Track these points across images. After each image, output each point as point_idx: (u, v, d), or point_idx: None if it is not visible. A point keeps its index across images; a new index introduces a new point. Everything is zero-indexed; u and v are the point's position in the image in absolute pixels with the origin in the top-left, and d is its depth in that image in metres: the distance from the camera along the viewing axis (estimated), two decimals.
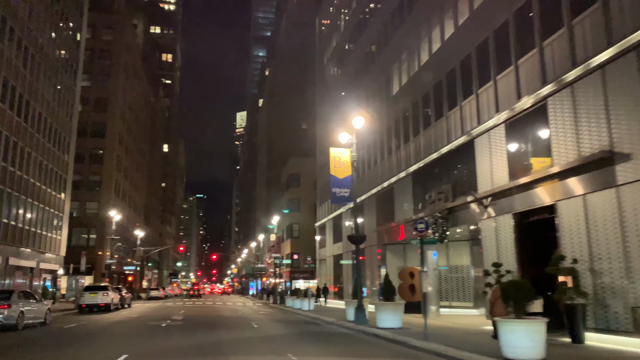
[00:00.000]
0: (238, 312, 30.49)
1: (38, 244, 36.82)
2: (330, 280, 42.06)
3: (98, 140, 59.40)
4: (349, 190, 20.96)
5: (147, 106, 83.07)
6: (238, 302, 51.13)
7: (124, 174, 65.03)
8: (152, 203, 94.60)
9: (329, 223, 42.60)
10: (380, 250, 29.94)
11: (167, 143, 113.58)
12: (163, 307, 36.68)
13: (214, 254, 72.88)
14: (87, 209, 58.24)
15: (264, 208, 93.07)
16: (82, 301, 30.68)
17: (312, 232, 62.22)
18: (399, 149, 27.67)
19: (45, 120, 37.62)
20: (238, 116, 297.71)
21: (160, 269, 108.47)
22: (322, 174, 46.74)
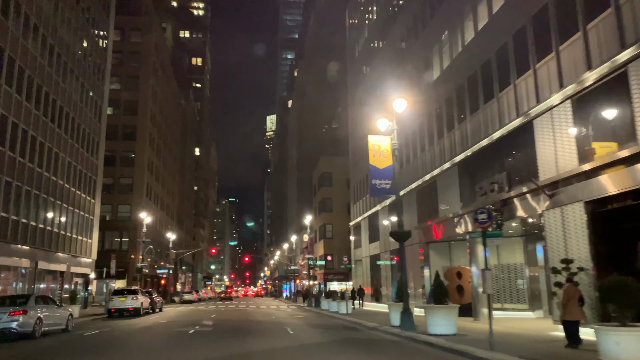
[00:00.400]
0: (271, 316, 28.74)
1: (68, 247, 36.00)
2: (367, 281, 39.92)
3: (129, 143, 58.90)
4: (390, 182, 18.87)
5: (178, 109, 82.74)
6: (271, 305, 49.52)
7: (155, 176, 64.46)
8: (185, 206, 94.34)
9: (364, 222, 40.50)
10: (423, 250, 27.66)
11: (199, 146, 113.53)
12: (194, 311, 35.30)
13: (247, 256, 71.23)
14: (119, 212, 57.75)
15: (295, 210, 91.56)
16: (111, 305, 29.48)
17: (345, 232, 60.18)
18: (441, 138, 25.39)
19: (73, 121, 36.85)
20: (268, 119, 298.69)
21: (194, 272, 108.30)
22: (355, 172, 44.68)
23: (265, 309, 38.63)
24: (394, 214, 32.31)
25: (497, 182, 19.59)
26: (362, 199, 41.08)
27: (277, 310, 36.81)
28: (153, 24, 63.29)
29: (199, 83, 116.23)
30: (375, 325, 20.27)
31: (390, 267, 33.68)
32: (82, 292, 40.49)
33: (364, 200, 40.80)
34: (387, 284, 34.31)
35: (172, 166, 77.86)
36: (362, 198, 41.39)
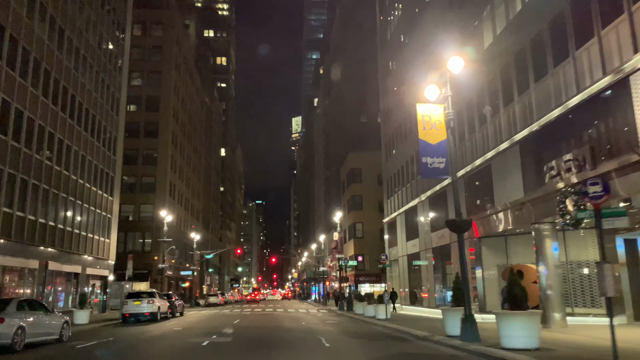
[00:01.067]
0: (301, 322, 25.46)
1: (83, 247, 33.47)
2: (404, 283, 36.26)
3: (151, 141, 56.62)
4: (444, 160, 15.33)
5: (202, 107, 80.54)
6: (300, 308, 46.23)
7: (179, 175, 62.09)
8: (211, 207, 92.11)
9: (400, 218, 36.87)
10: (474, 249, 23.95)
11: (225, 147, 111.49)
12: (217, 316, 32.30)
13: (274, 257, 68.27)
14: (142, 212, 55.48)
15: (322, 209, 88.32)
16: (125, 310, 26.64)
17: (376, 231, 56.56)
18: (496, 115, 21.68)
19: (88, 113, 34.37)
20: (293, 121, 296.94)
21: (221, 274, 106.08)
22: (389, 164, 41.09)
23: (293, 313, 35.40)
24: (438, 207, 28.67)
25: (575, 159, 15.85)
26: (398, 192, 37.48)
27: (306, 315, 33.52)
28: (175, 18, 61.00)
29: (224, 83, 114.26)
30: (426, 335, 16.74)
31: (433, 267, 30.01)
32: (101, 296, 38.07)
33: (399, 194, 37.19)
34: (428, 286, 30.62)
35: (197, 165, 75.56)
36: (397, 192, 37.80)
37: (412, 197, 33.94)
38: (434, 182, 28.69)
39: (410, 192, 34.41)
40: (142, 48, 58.14)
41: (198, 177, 76.58)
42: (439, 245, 28.61)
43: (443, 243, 28.00)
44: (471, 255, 24.20)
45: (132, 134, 56.53)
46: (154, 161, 56.28)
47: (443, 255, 28.53)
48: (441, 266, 29.13)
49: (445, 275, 28.45)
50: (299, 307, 48.14)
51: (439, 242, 28.56)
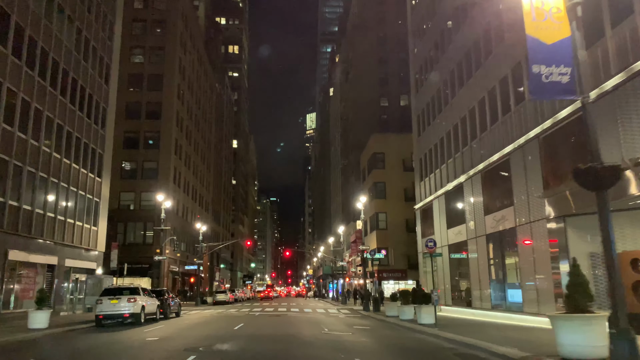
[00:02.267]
0: (321, 327, 19.30)
1: (60, 235, 27.68)
2: (444, 279, 29.79)
3: (153, 122, 50.93)
4: (568, 70, 9.06)
5: (212, 93, 74.77)
6: (318, 307, 40.08)
7: (185, 162, 56.33)
8: (222, 200, 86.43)
9: (439, 202, 30.45)
10: (556, 239, 17.49)
11: (237, 139, 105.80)
12: (220, 317, 26.30)
13: (287, 251, 62.22)
14: (143, 200, 49.82)
15: (339, 202, 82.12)
16: (100, 310, 20.75)
17: (401, 222, 50.22)
18: (601, 40, 15.21)
19: (68, 76, 28.57)
20: (308, 118, 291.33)
21: (233, 270, 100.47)
22: (423, 140, 34.67)
23: (310, 314, 29.25)
24: (495, 182, 22.22)
25: None
26: (436, 171, 31.04)
27: (326, 317, 27.35)
28: None
29: (236, 72, 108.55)
30: (523, 356, 10.51)
31: (487, 259, 23.53)
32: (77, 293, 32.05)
33: (437, 173, 30.75)
34: (480, 282, 24.19)
35: (206, 154, 69.82)
36: (435, 171, 31.36)
37: (455, 174, 27.51)
38: (493, 149, 22.31)
39: (453, 168, 27.98)
40: (144, 22, 52.54)
41: (207, 166, 70.84)
42: (496, 230, 22.19)
43: (502, 228, 21.58)
44: (551, 238, 17.76)
45: (132, 116, 51.04)
46: (157, 145, 50.59)
47: (503, 243, 22.11)
48: (499, 257, 22.72)
49: (504, 269, 22.04)
50: (316, 307, 41.99)
51: (497, 226, 22.15)
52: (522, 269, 19.96)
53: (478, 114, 24.54)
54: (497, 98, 22.24)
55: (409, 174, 51.09)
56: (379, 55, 66.91)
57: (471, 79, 25.54)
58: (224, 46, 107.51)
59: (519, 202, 20.06)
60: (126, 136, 50.64)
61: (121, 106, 50.74)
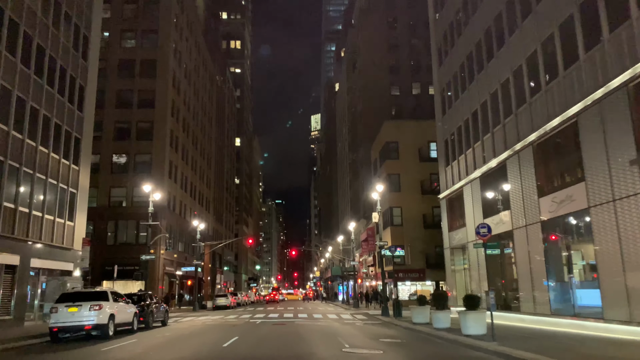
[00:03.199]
0: (340, 342, 14.53)
1: (23, 230, 23.04)
2: (479, 278, 24.87)
3: (146, 112, 46.38)
4: None
5: (212, 85, 70.24)
6: (329, 312, 35.28)
7: (182, 155, 51.73)
8: (225, 199, 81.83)
9: (471, 189, 25.60)
10: None
11: (240, 137, 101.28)
12: (214, 327, 21.57)
13: (293, 249, 57.34)
14: (135, 196, 45.22)
15: (347, 200, 77.36)
16: (54, 322, 16.10)
17: (418, 217, 45.38)
18: None
19: (31, 43, 24.01)
20: (312, 119, 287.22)
21: (237, 273, 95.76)
22: (448, 121, 29.82)
23: (322, 321, 24.45)
24: (555, 155, 17.36)
25: None
26: (466, 153, 26.19)
27: (340, 324, 22.53)
28: None
29: (238, 68, 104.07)
30: None
31: (544, 252, 18.62)
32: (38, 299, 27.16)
33: (468, 155, 25.91)
34: (532, 281, 19.31)
35: (207, 149, 65.24)
36: (465, 153, 26.52)
37: (494, 152, 22.68)
38: (552, 112, 17.51)
39: (490, 145, 23.14)
40: (135, 3, 48.05)
41: (208, 163, 66.25)
42: (557, 215, 17.35)
43: (566, 211, 16.75)
44: None
45: (124, 105, 46.58)
46: (150, 135, 46.00)
47: (567, 230, 17.29)
48: (560, 249, 17.88)
49: (570, 263, 17.19)
50: (326, 311, 37.16)
51: (557, 210, 17.30)
52: (601, 262, 15.08)
53: (527, 73, 19.71)
54: (556, 48, 17.42)
55: (426, 164, 46.32)
56: (389, 41, 62.16)
57: (515, 33, 20.73)
58: (225, 41, 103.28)
59: (593, 174, 15.22)
60: (117, 127, 46.20)
61: (112, 95, 46.41)
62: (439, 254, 45.31)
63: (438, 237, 44.15)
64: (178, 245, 50.45)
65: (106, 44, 47.08)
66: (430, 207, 45.77)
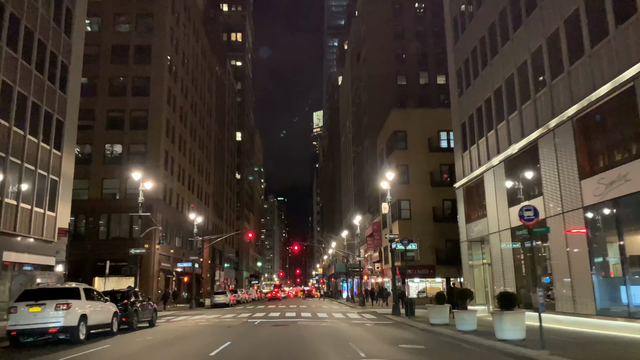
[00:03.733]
0: (352, 347, 11.93)
1: None
2: (503, 274, 22.22)
3: (141, 100, 43.84)
4: None
5: (212, 76, 67.61)
6: (333, 311, 32.70)
7: (179, 146, 49.16)
8: (226, 194, 79.29)
9: (494, 174, 22.91)
10: None
11: (241, 131, 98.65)
12: (206, 329, 19.01)
13: (296, 244, 54.59)
14: (130, 188, 42.64)
15: (351, 195, 74.75)
16: (13, 323, 13.53)
17: (427, 211, 42.75)
18: None
19: (4, 13, 21.43)
20: (315, 116, 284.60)
21: (238, 270, 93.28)
22: (465, 102, 27.16)
23: (327, 322, 21.85)
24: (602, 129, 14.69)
25: None
26: (489, 134, 23.47)
27: (349, 325, 19.94)
28: None
29: (239, 61, 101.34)
30: None
31: (587, 242, 15.97)
32: None
33: (491, 136, 23.21)
34: (574, 277, 16.66)
35: (206, 141, 62.66)
36: (487, 134, 23.82)
37: (522, 132, 19.99)
38: (598, 80, 14.86)
39: (518, 124, 20.45)
40: None
41: (207, 155, 63.67)
42: (606, 199, 14.69)
43: (619, 194, 14.10)
44: None
45: (117, 92, 44.05)
46: (144, 124, 43.45)
47: (620, 216, 14.64)
48: (609, 238, 15.26)
49: (623, 255, 14.52)
50: (331, 310, 34.58)
51: (605, 193, 14.65)
52: None
53: (565, 39, 17.02)
54: (606, 8, 14.74)
55: (436, 155, 43.64)
56: (395, 29, 59.44)
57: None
58: (226, 33, 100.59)
59: None
60: (110, 115, 43.66)
61: (104, 82, 43.88)
62: (450, 249, 42.66)
63: (449, 231, 41.48)
64: (175, 241, 47.95)
65: (99, 28, 44.54)
66: (440, 199, 43.15)
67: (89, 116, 43.32)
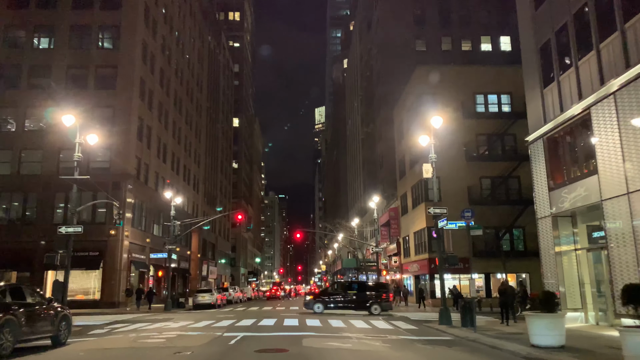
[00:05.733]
0: None
1: None
2: (630, 269, 13.60)
3: (108, 54, 35.28)
4: None
5: (203, 45, 58.91)
6: (350, 316, 24.00)
7: (158, 116, 40.49)
8: (220, 183, 70.63)
9: (616, 106, 14.22)
10: None
11: (239, 117, 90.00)
12: (150, 351, 10.34)
13: (298, 232, 46.47)
14: (93, 160, 34.06)
15: (359, 182, 66.15)
16: None
17: (461, 190, 34.15)
18: None
19: None
20: (316, 112, 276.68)
21: (235, 266, 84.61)
22: (546, 13, 18.36)
23: (352, 339, 13.08)
24: None
25: None
26: (602, 45, 14.72)
27: (391, 349, 11.24)
28: None
29: (237, 42, 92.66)
30: None
31: None
32: None
33: (606, 50, 14.49)
34: None
35: (195, 119, 54.02)
36: (587, 55, 15.11)
37: None
38: None
39: None
40: None
41: (197, 134, 55.02)
42: None
43: None
44: None
45: (79, 45, 35.49)
46: (112, 83, 34.81)
47: None
48: None
49: None
50: (345, 314, 25.79)
51: None
52: None
53: None
54: None
55: (472, 122, 34.79)
56: None
57: None
58: (223, 12, 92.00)
59: None
60: (70, 72, 35.04)
61: (64, 31, 35.26)
62: (491, 238, 34.05)
63: (489, 216, 32.72)
64: (153, 228, 39.29)
65: None
66: (477, 177, 34.53)
67: (44, 73, 34.81)
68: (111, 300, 31.70)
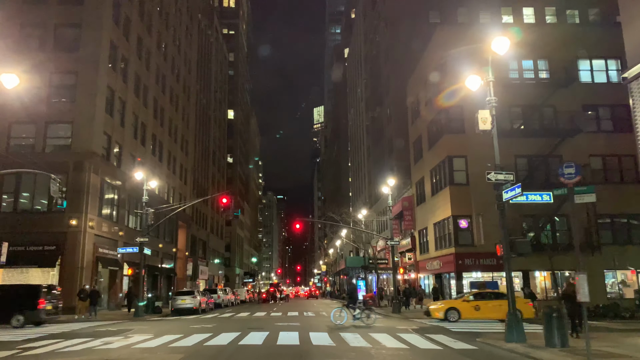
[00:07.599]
0: None
1: None
2: None
3: (70, 10, 29.37)
4: None
5: (192, 23, 53.06)
6: (369, 329, 18.03)
7: (134, 89, 34.59)
8: (213, 176, 64.73)
9: None
10: None
11: (234, 109, 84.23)
12: None
13: (297, 222, 40.62)
14: (51, 137, 28.19)
15: (363, 172, 60.42)
16: None
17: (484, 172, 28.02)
18: None
19: None
20: (315, 112, 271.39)
21: (229, 266, 78.68)
22: None
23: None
24: None
25: None
26: None
27: None
28: None
29: (232, 30, 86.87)
30: None
31: None
32: None
33: None
34: None
35: (182, 100, 48.14)
36: None
37: None
38: None
39: None
40: None
41: (185, 118, 49.15)
42: None
43: None
44: None
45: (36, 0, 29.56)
46: (75, 45, 28.89)
47: None
48: None
49: None
50: (360, 324, 19.83)
51: None
52: None
53: None
54: None
55: (504, 91, 29.33)
56: None
57: None
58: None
59: None
60: (24, 32, 29.12)
61: None
62: (531, 229, 28.24)
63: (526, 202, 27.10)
64: (127, 220, 33.32)
65: None
66: (511, 155, 28.57)
67: None
68: (70, 305, 25.63)
